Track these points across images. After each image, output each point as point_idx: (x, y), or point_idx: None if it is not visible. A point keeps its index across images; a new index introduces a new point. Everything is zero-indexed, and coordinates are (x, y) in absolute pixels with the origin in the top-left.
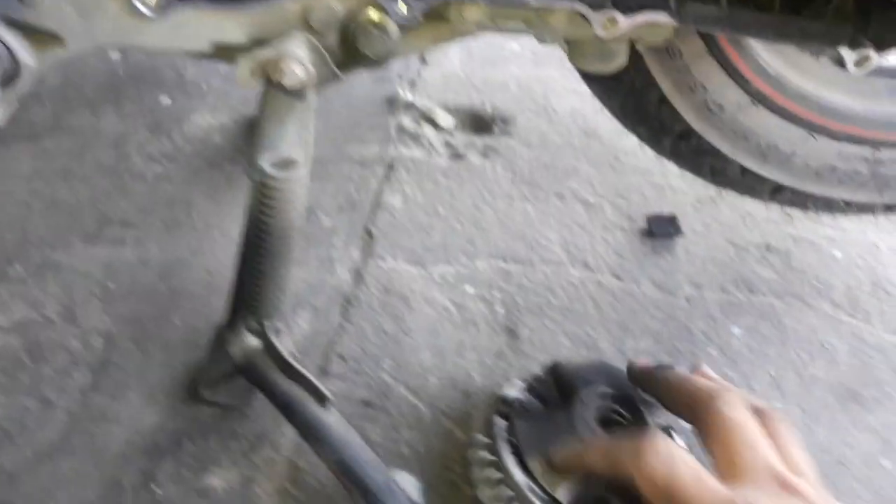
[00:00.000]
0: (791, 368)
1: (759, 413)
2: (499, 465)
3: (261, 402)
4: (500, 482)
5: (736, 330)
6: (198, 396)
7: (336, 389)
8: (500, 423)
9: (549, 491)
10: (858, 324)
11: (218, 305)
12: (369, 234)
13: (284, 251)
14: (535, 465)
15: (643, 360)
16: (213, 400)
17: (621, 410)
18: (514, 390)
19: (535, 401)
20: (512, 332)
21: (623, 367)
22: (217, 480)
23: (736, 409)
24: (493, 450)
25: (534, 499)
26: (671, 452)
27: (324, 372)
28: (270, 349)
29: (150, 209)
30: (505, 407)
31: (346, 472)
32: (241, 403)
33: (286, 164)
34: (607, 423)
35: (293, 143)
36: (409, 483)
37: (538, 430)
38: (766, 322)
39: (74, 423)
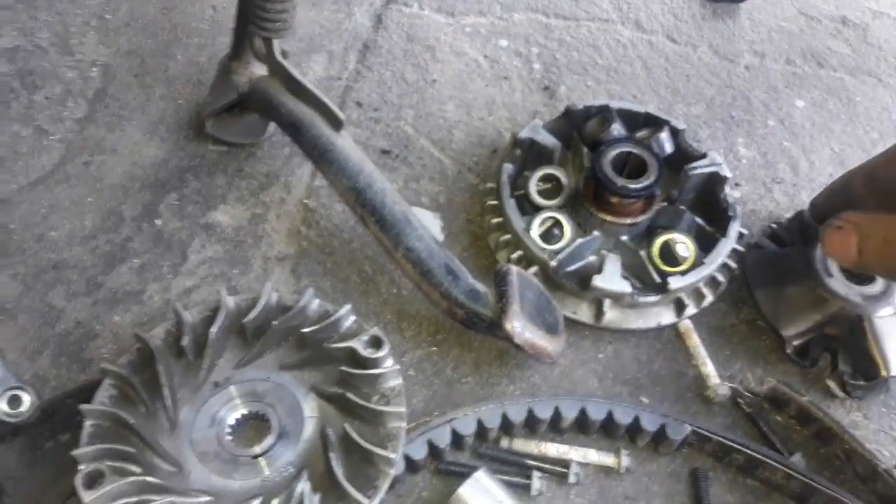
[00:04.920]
0: (857, 145)
1: None
2: (501, 210)
3: (272, 143)
4: (500, 226)
5: (800, 103)
6: (203, 133)
7: (352, 136)
8: (508, 168)
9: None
10: None
11: (223, 43)
12: None
13: None
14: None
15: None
16: (219, 137)
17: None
18: (529, 130)
19: (552, 141)
20: (549, 91)
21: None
22: (224, 217)
23: None
24: (498, 195)
25: (529, 243)
26: None
27: None
28: (278, 69)
29: None
30: (517, 148)
31: (360, 199)
32: (251, 142)
33: None
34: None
35: None
36: (429, 218)
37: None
38: (834, 97)
39: (70, 153)
